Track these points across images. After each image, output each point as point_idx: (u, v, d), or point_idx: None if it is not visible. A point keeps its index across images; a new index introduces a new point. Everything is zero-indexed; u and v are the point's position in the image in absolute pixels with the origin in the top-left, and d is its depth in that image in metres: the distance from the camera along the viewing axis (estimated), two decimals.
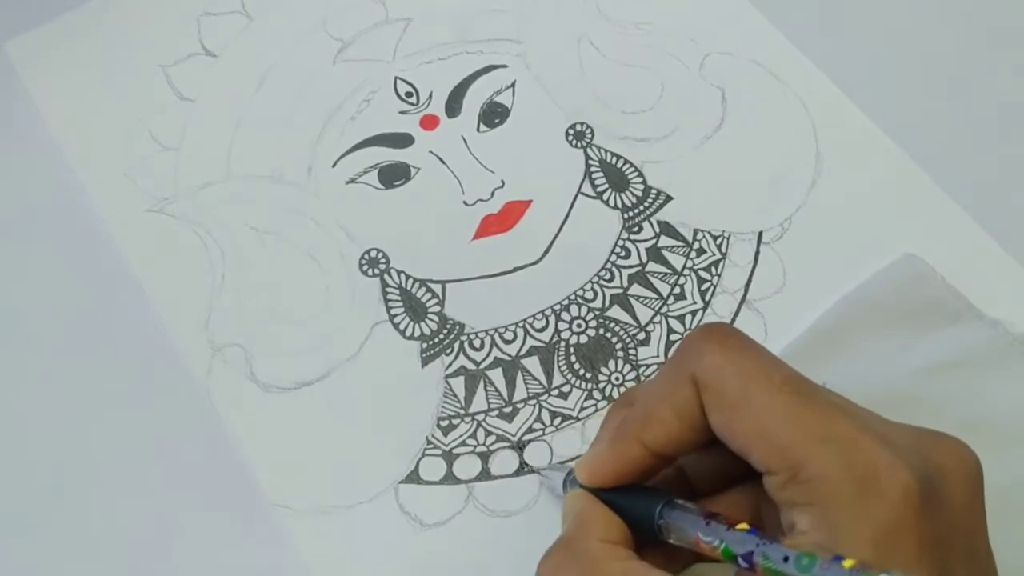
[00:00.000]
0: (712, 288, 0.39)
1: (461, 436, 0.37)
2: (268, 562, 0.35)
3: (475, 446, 0.37)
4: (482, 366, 0.38)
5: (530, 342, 0.38)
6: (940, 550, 0.25)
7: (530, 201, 0.41)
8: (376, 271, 0.40)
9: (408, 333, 0.39)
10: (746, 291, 0.39)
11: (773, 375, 0.28)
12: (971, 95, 0.43)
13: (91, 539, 0.36)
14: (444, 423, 0.37)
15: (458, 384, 0.38)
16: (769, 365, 0.28)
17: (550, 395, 0.37)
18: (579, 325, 0.39)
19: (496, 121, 0.43)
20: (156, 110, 0.44)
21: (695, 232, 0.40)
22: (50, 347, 0.39)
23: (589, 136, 0.42)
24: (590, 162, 0.42)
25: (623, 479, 0.30)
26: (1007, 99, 0.43)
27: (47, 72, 0.45)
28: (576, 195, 0.41)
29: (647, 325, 0.39)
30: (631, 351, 0.38)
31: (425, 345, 0.38)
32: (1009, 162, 0.42)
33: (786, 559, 0.25)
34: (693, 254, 0.40)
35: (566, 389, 0.38)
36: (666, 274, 0.40)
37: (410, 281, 0.40)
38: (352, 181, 0.42)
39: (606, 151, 0.42)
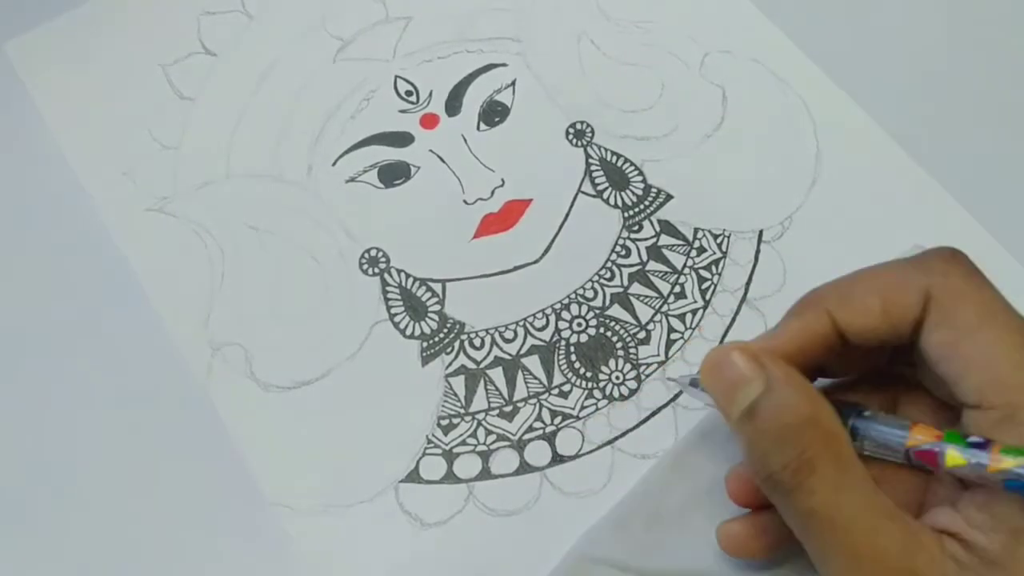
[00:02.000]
0: (712, 287, 0.39)
1: (461, 435, 0.37)
2: (268, 562, 0.35)
3: (475, 445, 0.37)
4: (482, 365, 0.38)
5: (530, 341, 0.38)
6: None
7: (530, 200, 0.41)
8: (376, 270, 0.40)
9: (408, 332, 0.39)
10: (747, 290, 0.39)
11: (1012, 317, 0.28)
12: (971, 95, 0.43)
13: (91, 539, 0.36)
14: (444, 422, 0.37)
15: (458, 383, 0.38)
16: (1009, 306, 0.28)
17: (550, 394, 0.37)
18: (579, 324, 0.39)
19: (496, 120, 0.43)
20: (156, 110, 0.44)
21: (695, 231, 0.40)
22: (50, 347, 0.39)
23: (589, 135, 0.42)
24: (590, 161, 0.42)
25: (800, 352, 0.29)
26: (1007, 99, 0.43)
27: (47, 72, 0.45)
28: (576, 194, 0.41)
29: (647, 324, 0.39)
30: (631, 350, 0.38)
31: (425, 344, 0.38)
32: (1010, 161, 0.42)
33: None
34: (693, 253, 0.40)
35: (566, 388, 0.37)
36: (666, 273, 0.40)
37: (410, 280, 0.40)
38: (352, 180, 0.42)
39: (606, 150, 0.42)
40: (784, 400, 0.27)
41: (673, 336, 0.38)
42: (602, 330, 0.38)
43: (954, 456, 0.26)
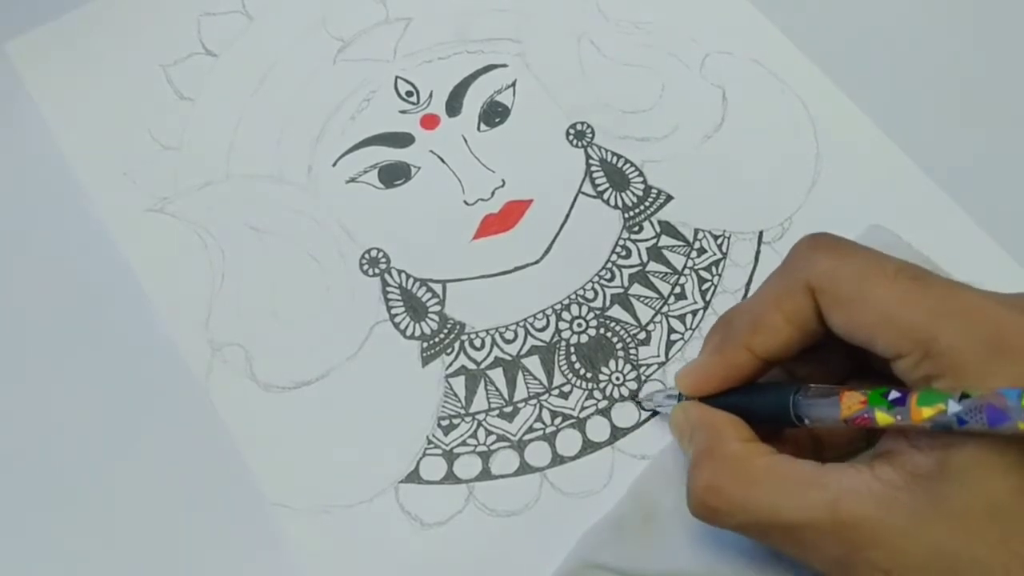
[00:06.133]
0: (713, 288, 0.39)
1: (462, 436, 0.37)
2: (268, 562, 0.35)
3: (475, 446, 0.37)
4: (483, 366, 0.38)
5: (531, 342, 0.38)
6: None
7: (531, 200, 0.41)
8: (376, 270, 0.40)
9: (408, 333, 0.39)
10: (747, 291, 0.39)
11: (886, 267, 0.29)
12: (971, 95, 0.43)
13: (91, 539, 0.36)
14: (444, 423, 0.37)
15: (459, 384, 0.38)
16: (879, 259, 0.30)
17: (551, 395, 0.37)
18: (580, 325, 0.39)
19: (496, 120, 0.43)
20: (156, 110, 0.44)
21: (696, 232, 0.40)
22: (50, 347, 0.39)
23: (589, 135, 0.42)
24: (590, 161, 0.42)
25: (728, 384, 0.32)
26: (1007, 99, 0.43)
27: (47, 72, 0.45)
28: (576, 194, 0.41)
29: (648, 325, 0.39)
30: (632, 351, 0.38)
31: (425, 345, 0.38)
32: (1008, 163, 0.42)
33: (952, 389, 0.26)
34: (694, 254, 0.40)
35: (567, 389, 0.37)
36: (667, 274, 0.40)
37: (410, 280, 0.40)
38: (352, 180, 0.42)
39: (606, 150, 0.42)
40: (693, 441, 0.32)
41: (673, 337, 0.38)
42: (602, 331, 0.38)
43: (883, 417, 0.27)
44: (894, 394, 0.27)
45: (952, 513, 0.26)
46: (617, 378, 0.38)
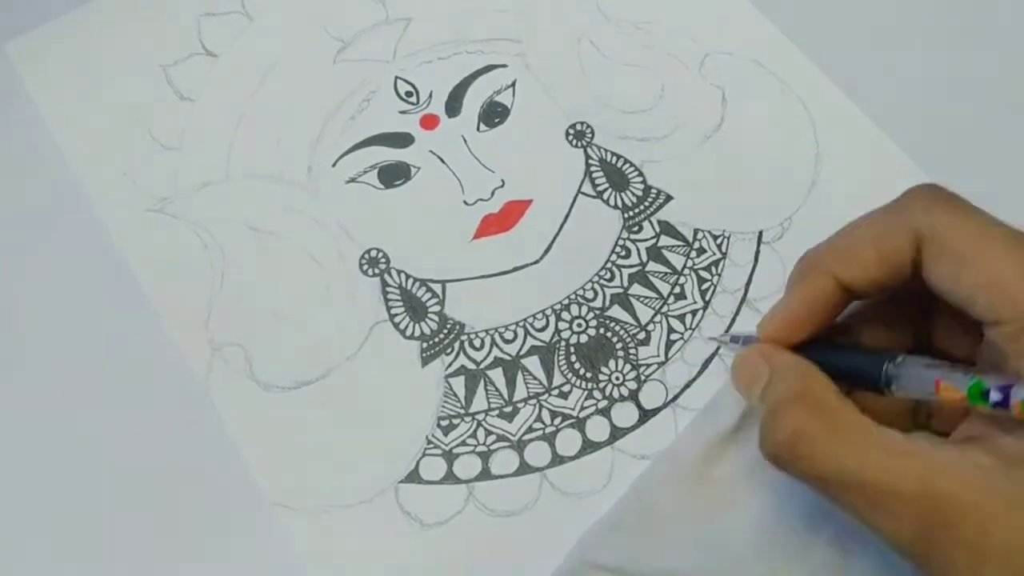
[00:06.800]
0: (712, 288, 0.39)
1: (461, 436, 0.37)
2: (268, 562, 0.35)
3: (475, 446, 0.37)
4: (482, 366, 0.38)
5: (530, 342, 0.38)
6: None
7: (530, 200, 0.41)
8: (376, 271, 0.40)
9: (408, 333, 0.39)
10: (746, 291, 0.39)
11: (1005, 232, 0.29)
12: (971, 95, 0.43)
13: (90, 539, 0.36)
14: (444, 423, 0.37)
15: (458, 384, 0.38)
16: (999, 223, 0.29)
17: (550, 395, 0.37)
18: (579, 325, 0.39)
19: (496, 121, 0.43)
20: (156, 110, 0.44)
21: (695, 232, 0.40)
22: (50, 347, 0.39)
23: (589, 136, 0.42)
24: (590, 161, 0.42)
25: (813, 324, 0.31)
26: (1007, 99, 0.43)
27: (47, 72, 0.45)
28: (576, 194, 0.41)
29: (647, 325, 0.39)
30: (631, 351, 0.38)
31: (425, 345, 0.38)
32: (1009, 163, 0.42)
33: None
34: (693, 254, 0.40)
35: (566, 389, 0.38)
36: (666, 273, 0.40)
37: (410, 281, 0.40)
38: (352, 181, 0.42)
39: (606, 151, 0.42)
40: (779, 383, 0.30)
41: (673, 337, 0.38)
42: (602, 331, 0.38)
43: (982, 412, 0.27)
44: (995, 396, 0.26)
45: None
46: (617, 378, 0.38)
